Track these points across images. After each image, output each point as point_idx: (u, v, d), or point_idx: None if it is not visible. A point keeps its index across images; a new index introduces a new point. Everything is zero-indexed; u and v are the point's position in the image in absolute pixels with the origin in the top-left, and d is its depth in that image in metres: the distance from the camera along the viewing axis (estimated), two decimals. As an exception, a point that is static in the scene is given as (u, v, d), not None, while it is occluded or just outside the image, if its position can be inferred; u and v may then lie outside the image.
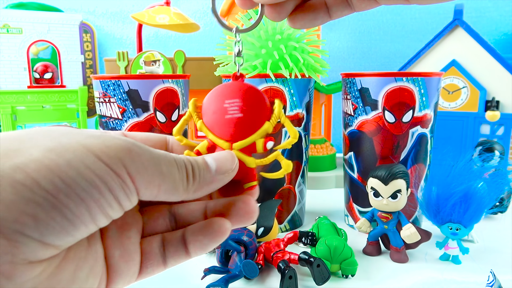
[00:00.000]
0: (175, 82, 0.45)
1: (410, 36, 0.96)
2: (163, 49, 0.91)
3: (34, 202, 0.13)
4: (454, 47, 0.67)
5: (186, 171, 0.17)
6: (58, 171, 0.13)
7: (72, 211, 0.13)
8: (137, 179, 0.15)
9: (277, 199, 0.45)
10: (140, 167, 0.15)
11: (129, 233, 0.18)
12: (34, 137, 0.15)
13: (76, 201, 0.14)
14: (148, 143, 0.20)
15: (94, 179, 0.14)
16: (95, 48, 0.87)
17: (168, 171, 0.16)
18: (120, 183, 0.15)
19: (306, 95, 0.47)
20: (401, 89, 0.43)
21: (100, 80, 0.44)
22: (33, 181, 0.13)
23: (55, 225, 0.13)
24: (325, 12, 0.22)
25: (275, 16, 0.22)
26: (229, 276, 0.35)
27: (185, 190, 0.17)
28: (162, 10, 0.74)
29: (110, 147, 0.15)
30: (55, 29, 0.78)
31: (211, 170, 0.18)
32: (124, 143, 0.15)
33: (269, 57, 0.44)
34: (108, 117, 0.45)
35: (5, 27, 0.74)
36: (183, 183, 0.17)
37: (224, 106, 0.20)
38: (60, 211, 0.13)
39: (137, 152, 0.16)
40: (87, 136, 0.15)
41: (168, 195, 0.17)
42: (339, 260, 0.37)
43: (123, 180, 0.15)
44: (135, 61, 0.70)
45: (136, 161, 0.15)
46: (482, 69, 0.65)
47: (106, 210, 0.15)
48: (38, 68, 0.78)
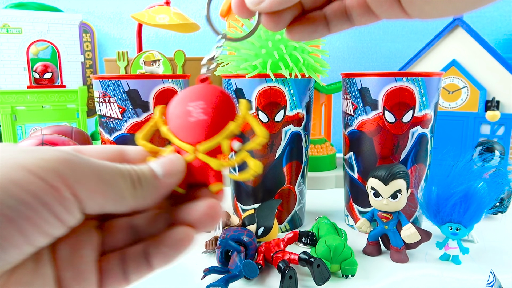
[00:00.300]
0: (175, 82, 0.45)
1: (410, 36, 0.96)
2: (163, 49, 0.91)
3: None
4: (454, 47, 0.67)
5: (131, 178, 0.16)
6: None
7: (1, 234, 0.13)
8: (78, 189, 0.14)
9: (277, 199, 0.45)
10: (81, 176, 0.15)
11: (82, 252, 0.17)
12: None
13: (2, 222, 0.13)
14: (102, 155, 0.19)
15: (23, 195, 0.13)
16: (95, 48, 0.87)
17: (112, 179, 0.16)
18: (56, 197, 0.14)
19: (306, 95, 0.47)
20: (401, 89, 0.43)
21: (100, 80, 0.44)
22: None
23: None
24: (324, 25, 0.22)
25: (272, 26, 0.22)
26: (229, 276, 0.35)
27: (133, 198, 0.16)
28: (162, 10, 0.74)
29: (45, 159, 0.14)
30: (55, 29, 0.78)
31: (158, 174, 0.18)
32: (61, 154, 0.15)
33: (269, 57, 0.44)
34: (108, 117, 0.45)
35: (5, 27, 0.74)
36: (129, 190, 0.16)
37: (187, 109, 0.20)
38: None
39: (77, 162, 0.15)
40: (21, 151, 0.14)
41: (116, 205, 0.16)
42: (339, 260, 0.37)
43: (60, 194, 0.14)
44: (135, 61, 0.70)
45: (76, 170, 0.14)
46: (482, 69, 0.65)
47: (43, 228, 0.14)
48: (38, 68, 0.78)
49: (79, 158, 0.15)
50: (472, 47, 0.65)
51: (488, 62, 0.64)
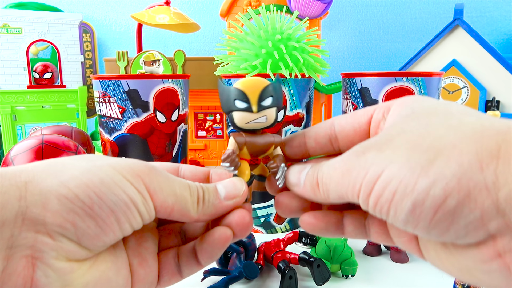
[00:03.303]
0: (175, 82, 0.45)
1: (410, 36, 0.96)
2: (163, 49, 0.91)
3: (74, 211, 0.16)
4: (454, 47, 0.67)
5: (197, 196, 0.19)
6: (93, 187, 0.16)
7: (103, 220, 0.17)
8: (155, 196, 0.18)
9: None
10: (158, 186, 0.18)
11: (146, 244, 0.21)
12: (73, 161, 0.18)
13: (107, 212, 0.17)
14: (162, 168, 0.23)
15: (121, 194, 0.17)
16: (95, 48, 0.87)
17: (181, 194, 0.19)
18: (141, 199, 0.18)
19: (306, 95, 0.47)
20: (401, 89, 0.43)
21: (100, 80, 0.44)
22: (74, 195, 0.16)
23: (90, 231, 0.16)
24: (338, 227, 0.21)
25: (286, 213, 0.23)
26: (229, 277, 0.35)
27: (195, 213, 0.19)
28: (162, 10, 0.74)
29: (133, 168, 0.18)
30: (55, 29, 0.78)
31: (220, 196, 0.20)
32: (144, 166, 0.18)
33: (269, 57, 0.44)
34: (108, 117, 0.45)
35: (5, 27, 0.74)
36: (194, 206, 0.19)
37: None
38: (94, 220, 0.16)
39: (155, 174, 0.18)
40: (115, 160, 0.18)
41: (180, 216, 0.19)
42: (339, 260, 0.37)
43: (144, 197, 0.18)
44: (135, 61, 0.70)
45: (154, 181, 0.18)
46: (483, 69, 0.65)
47: (131, 220, 0.17)
48: (38, 68, 0.78)
49: (158, 170, 0.19)
50: (472, 47, 0.65)
51: (488, 62, 0.64)
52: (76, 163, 0.17)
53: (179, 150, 0.48)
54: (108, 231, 0.17)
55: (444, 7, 0.93)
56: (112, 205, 0.17)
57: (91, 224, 0.16)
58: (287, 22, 0.46)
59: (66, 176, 0.16)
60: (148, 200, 0.18)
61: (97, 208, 0.16)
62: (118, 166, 0.18)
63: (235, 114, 0.21)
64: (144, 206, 0.18)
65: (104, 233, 0.17)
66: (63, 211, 0.16)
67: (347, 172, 0.17)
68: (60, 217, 0.16)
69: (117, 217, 0.17)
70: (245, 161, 0.22)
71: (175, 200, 0.18)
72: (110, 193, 0.17)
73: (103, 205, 0.16)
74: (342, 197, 0.18)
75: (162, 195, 0.18)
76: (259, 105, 0.21)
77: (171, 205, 0.18)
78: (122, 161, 0.18)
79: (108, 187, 0.17)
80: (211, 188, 0.20)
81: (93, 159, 0.18)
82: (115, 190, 0.17)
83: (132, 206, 0.17)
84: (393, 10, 0.96)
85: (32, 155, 0.40)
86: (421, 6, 0.94)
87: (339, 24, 0.98)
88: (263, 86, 0.21)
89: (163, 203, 0.18)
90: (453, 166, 0.14)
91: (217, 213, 0.20)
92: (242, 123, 0.21)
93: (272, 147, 0.22)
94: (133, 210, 0.17)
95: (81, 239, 0.16)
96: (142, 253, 0.21)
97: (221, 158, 0.21)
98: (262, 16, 0.47)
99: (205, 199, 0.20)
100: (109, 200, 0.17)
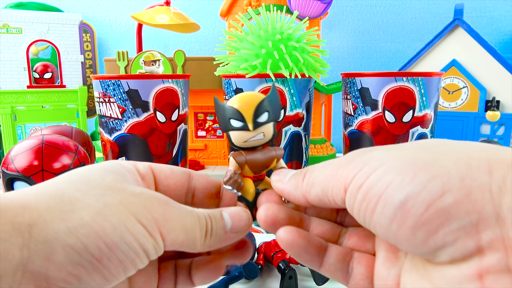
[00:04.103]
0: (175, 82, 0.45)
1: (410, 36, 0.96)
2: (163, 49, 0.91)
3: (80, 265, 0.15)
4: (454, 47, 0.67)
5: (206, 229, 0.19)
6: (105, 237, 0.15)
7: (110, 272, 0.15)
8: (166, 238, 0.17)
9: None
10: (171, 227, 0.17)
11: (153, 261, 0.20)
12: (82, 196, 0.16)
13: (115, 264, 0.15)
14: (172, 176, 0.22)
15: (133, 242, 0.16)
16: (95, 48, 0.87)
17: (192, 230, 0.18)
18: (153, 243, 0.16)
19: (306, 95, 0.47)
20: (401, 89, 0.43)
21: (100, 80, 0.44)
22: (82, 246, 0.15)
23: (94, 284, 0.15)
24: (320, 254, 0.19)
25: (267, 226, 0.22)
26: (229, 277, 0.35)
27: (201, 246, 0.19)
28: (162, 10, 0.74)
29: (147, 207, 0.17)
30: (55, 29, 0.78)
31: (226, 227, 0.20)
32: (159, 204, 0.17)
33: (269, 57, 0.44)
34: (108, 117, 0.45)
35: (5, 27, 0.74)
36: (202, 240, 0.18)
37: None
38: (100, 273, 0.15)
39: (169, 213, 0.17)
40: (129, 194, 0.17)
41: (186, 249, 0.18)
42: (339, 260, 0.37)
43: (155, 241, 0.17)
44: (135, 61, 0.70)
45: (168, 221, 0.17)
46: (483, 69, 0.65)
47: (137, 265, 0.16)
48: (38, 68, 0.78)
49: (172, 207, 0.18)
50: (472, 47, 0.65)
51: (488, 62, 0.64)
52: (86, 201, 0.16)
53: (179, 150, 0.48)
54: (114, 280, 0.16)
55: (444, 7, 0.93)
56: (122, 255, 0.15)
57: (97, 277, 0.15)
58: (287, 22, 0.46)
59: (74, 221, 0.15)
60: (160, 242, 0.17)
61: (106, 260, 0.15)
62: (132, 207, 0.16)
63: (232, 134, 0.20)
64: (154, 249, 0.17)
65: (109, 282, 0.16)
66: (68, 264, 0.14)
67: (342, 166, 0.17)
68: (64, 270, 0.14)
69: (125, 267, 0.16)
70: (249, 178, 0.22)
71: (185, 237, 0.18)
72: (122, 243, 0.15)
73: (112, 257, 0.15)
74: (325, 193, 0.17)
75: (174, 234, 0.17)
76: (255, 123, 0.20)
77: (180, 241, 0.18)
78: (135, 199, 0.17)
79: (120, 236, 0.15)
80: (218, 217, 0.19)
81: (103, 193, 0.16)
82: (126, 239, 0.15)
83: (142, 253, 0.16)
84: (393, 10, 0.96)
85: (32, 155, 0.40)
86: (421, 6, 0.94)
87: (339, 24, 0.98)
88: (257, 102, 0.20)
89: (174, 241, 0.17)
90: (459, 165, 0.13)
91: (221, 245, 0.20)
92: (240, 142, 0.20)
93: (275, 161, 0.22)
94: (141, 256, 0.16)
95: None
96: (149, 271, 0.20)
97: (223, 180, 0.21)
98: (262, 16, 0.47)
99: (213, 232, 0.19)
100: (119, 251, 0.15)
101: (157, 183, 0.22)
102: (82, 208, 0.15)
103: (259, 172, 0.22)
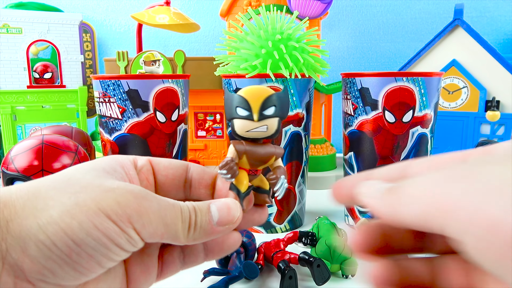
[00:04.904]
0: (175, 82, 0.45)
1: (410, 36, 0.96)
2: (163, 49, 0.91)
3: (52, 259, 0.16)
4: (454, 47, 0.67)
5: (189, 222, 0.19)
6: (71, 234, 0.16)
7: (82, 266, 0.16)
8: (142, 232, 0.17)
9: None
10: (146, 221, 0.17)
11: (149, 250, 0.21)
12: (56, 194, 0.17)
13: (86, 258, 0.16)
14: (170, 167, 0.22)
15: (101, 237, 0.16)
16: (95, 48, 0.87)
17: (172, 223, 0.18)
18: (126, 238, 0.17)
19: (306, 95, 0.47)
20: (401, 89, 0.43)
21: (100, 80, 0.44)
22: (51, 242, 0.15)
23: (69, 277, 0.16)
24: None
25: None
26: (229, 277, 0.35)
27: (185, 239, 0.19)
28: (162, 10, 0.74)
29: (120, 203, 0.17)
30: (55, 29, 0.78)
31: (213, 220, 0.19)
32: (134, 199, 0.17)
33: (269, 57, 0.44)
34: (108, 117, 0.45)
35: (5, 27, 0.74)
36: (184, 232, 0.18)
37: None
38: (72, 267, 0.16)
39: (145, 207, 0.17)
40: (103, 190, 0.17)
41: (169, 241, 0.19)
42: (339, 260, 0.37)
43: (129, 235, 0.17)
44: (135, 61, 0.70)
45: (143, 216, 0.17)
46: (482, 69, 0.65)
47: (113, 258, 0.17)
48: (38, 68, 0.78)
49: (149, 201, 0.18)
50: (472, 47, 0.65)
51: (488, 62, 0.64)
52: (58, 199, 0.16)
53: (179, 150, 0.48)
54: (89, 273, 0.17)
55: (444, 7, 0.93)
56: (91, 250, 0.16)
57: (70, 270, 0.16)
58: (287, 22, 0.46)
59: (44, 218, 0.16)
60: (134, 236, 0.17)
61: (75, 256, 0.16)
62: (103, 203, 0.17)
63: (235, 122, 0.21)
64: (129, 242, 0.17)
65: (85, 275, 0.17)
66: (41, 258, 0.15)
67: (449, 184, 0.12)
68: (38, 264, 0.15)
69: (98, 260, 0.16)
70: (244, 170, 0.22)
71: (165, 230, 0.18)
72: (89, 239, 0.16)
73: (81, 252, 0.16)
74: (424, 218, 0.13)
75: (151, 228, 0.17)
76: (261, 114, 0.20)
77: (160, 234, 0.18)
78: (109, 195, 0.17)
79: (87, 232, 0.16)
80: (204, 209, 0.19)
81: (77, 190, 0.17)
82: (94, 235, 0.16)
83: (114, 247, 0.17)
84: (393, 10, 0.96)
85: (32, 155, 0.40)
86: (421, 6, 0.94)
87: (339, 24, 0.98)
88: (267, 95, 0.20)
89: (152, 234, 0.18)
90: None
91: (207, 238, 0.20)
92: (242, 131, 0.21)
93: (273, 158, 0.22)
94: (115, 250, 0.17)
95: (61, 282, 0.16)
96: (145, 260, 0.21)
97: (219, 165, 0.21)
98: (262, 16, 0.47)
99: (197, 225, 0.19)
100: (87, 247, 0.16)
101: (155, 174, 0.22)
102: (53, 206, 0.16)
103: (256, 166, 0.22)
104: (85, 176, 0.18)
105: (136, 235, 0.17)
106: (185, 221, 0.18)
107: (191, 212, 0.19)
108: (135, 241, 0.17)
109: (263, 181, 0.23)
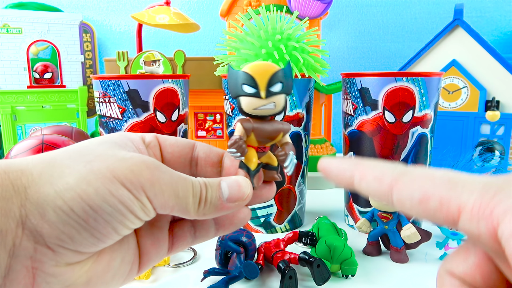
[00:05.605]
0: (175, 82, 0.45)
1: (410, 36, 0.96)
2: (163, 49, 0.91)
3: (70, 225, 0.16)
4: (454, 47, 0.67)
5: (200, 196, 0.19)
6: (88, 200, 0.16)
7: (99, 231, 0.17)
8: (154, 201, 0.18)
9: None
10: (158, 191, 0.18)
11: (159, 223, 0.21)
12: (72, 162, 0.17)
13: (102, 224, 0.17)
14: (177, 145, 0.23)
15: (117, 204, 0.17)
16: (95, 48, 0.87)
17: (184, 196, 0.18)
18: (140, 205, 0.17)
19: (306, 95, 0.47)
20: (401, 89, 0.43)
21: (100, 80, 0.44)
22: (69, 208, 0.16)
23: (86, 242, 0.17)
24: None
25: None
26: (229, 277, 0.35)
27: (195, 213, 0.19)
28: (162, 10, 0.74)
29: (134, 171, 0.17)
30: (55, 29, 0.78)
31: (223, 196, 0.20)
32: (147, 168, 0.18)
33: (269, 57, 0.44)
34: (108, 117, 0.45)
35: (5, 27, 0.74)
36: (195, 206, 0.19)
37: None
38: (90, 232, 0.16)
39: (158, 177, 0.18)
40: (117, 159, 0.17)
41: (179, 214, 0.19)
42: (339, 260, 0.37)
43: (142, 203, 0.17)
44: (135, 61, 0.70)
45: (155, 185, 0.17)
46: (482, 69, 0.65)
47: (128, 225, 0.17)
48: (38, 68, 0.78)
49: (161, 172, 0.18)
50: (472, 47, 0.65)
51: (488, 62, 0.64)
52: (73, 167, 0.17)
53: (179, 150, 0.48)
54: (106, 239, 0.17)
55: (444, 7, 0.93)
56: (107, 216, 0.16)
57: (87, 235, 0.16)
58: (287, 22, 0.46)
59: (60, 185, 0.16)
60: (147, 204, 0.17)
61: (92, 221, 0.16)
62: (118, 171, 0.17)
63: (242, 99, 0.20)
64: (142, 210, 0.17)
65: (102, 241, 0.17)
66: (59, 224, 0.16)
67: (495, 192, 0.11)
68: (56, 229, 0.16)
69: (114, 226, 0.17)
70: (253, 148, 0.22)
71: (176, 202, 0.18)
72: (105, 205, 0.16)
73: (98, 218, 0.16)
74: (442, 209, 0.12)
75: (163, 198, 0.18)
76: (268, 91, 0.20)
77: (171, 206, 0.18)
78: (123, 163, 0.17)
79: (104, 199, 0.16)
80: (215, 186, 0.20)
81: (91, 159, 0.17)
82: (110, 201, 0.16)
83: (129, 214, 0.17)
84: (393, 10, 0.96)
85: (32, 155, 0.40)
86: (421, 6, 0.94)
87: (339, 24, 0.98)
88: (273, 71, 0.20)
89: (164, 205, 0.18)
90: None
91: (217, 214, 0.20)
92: (250, 108, 0.20)
93: (281, 135, 0.22)
94: (130, 217, 0.17)
95: (79, 248, 0.16)
96: (155, 233, 0.21)
97: (227, 144, 0.20)
98: (262, 16, 0.47)
99: (207, 200, 0.19)
100: (104, 213, 0.16)
101: (162, 150, 0.22)
102: (69, 174, 0.16)
103: (264, 143, 0.22)
104: (97, 147, 0.18)
105: (149, 204, 0.17)
106: (196, 195, 0.19)
107: (202, 187, 0.19)
108: (148, 210, 0.18)
109: (271, 157, 0.23)
